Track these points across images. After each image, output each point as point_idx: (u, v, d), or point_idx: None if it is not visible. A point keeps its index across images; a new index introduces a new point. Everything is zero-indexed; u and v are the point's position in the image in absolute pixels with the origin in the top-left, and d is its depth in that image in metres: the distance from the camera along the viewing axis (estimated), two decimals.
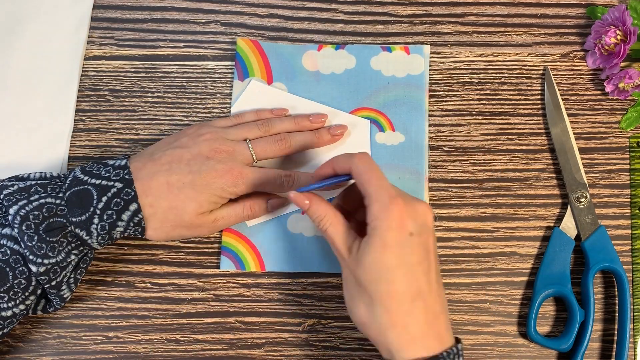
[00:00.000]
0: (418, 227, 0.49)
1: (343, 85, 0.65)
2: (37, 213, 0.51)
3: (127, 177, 0.54)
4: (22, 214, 0.51)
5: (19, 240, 0.51)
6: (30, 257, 0.51)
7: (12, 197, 0.52)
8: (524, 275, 0.61)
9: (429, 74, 0.65)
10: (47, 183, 0.54)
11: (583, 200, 0.61)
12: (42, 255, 0.51)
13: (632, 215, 0.62)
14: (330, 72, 0.65)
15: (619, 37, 0.62)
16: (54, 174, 0.55)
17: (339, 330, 0.60)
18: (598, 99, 0.65)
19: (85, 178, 0.54)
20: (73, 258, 0.54)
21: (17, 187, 0.53)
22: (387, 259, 0.48)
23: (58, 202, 0.52)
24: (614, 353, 0.59)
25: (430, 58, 0.66)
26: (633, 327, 0.59)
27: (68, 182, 0.54)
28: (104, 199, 0.53)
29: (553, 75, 0.65)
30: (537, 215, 0.62)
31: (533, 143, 0.64)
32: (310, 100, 0.64)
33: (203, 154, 0.56)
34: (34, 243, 0.51)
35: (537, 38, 0.66)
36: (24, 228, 0.51)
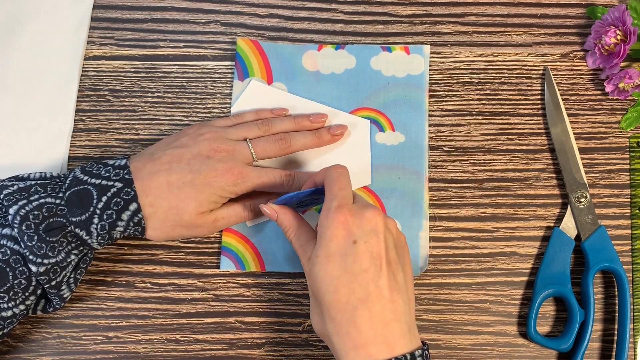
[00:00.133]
0: (364, 234, 0.49)
1: (343, 85, 0.65)
2: (37, 213, 0.51)
3: (127, 176, 0.54)
4: (22, 214, 0.51)
5: (19, 240, 0.51)
6: (30, 257, 0.51)
7: (12, 197, 0.52)
8: (524, 275, 0.61)
9: (429, 74, 0.65)
10: (47, 183, 0.54)
11: (583, 200, 0.61)
12: (42, 255, 0.51)
13: (632, 215, 0.62)
14: (330, 72, 0.65)
15: (619, 37, 0.62)
16: (54, 174, 0.55)
17: None
18: (598, 99, 0.65)
19: (85, 178, 0.54)
20: (73, 258, 0.54)
21: (17, 187, 0.53)
22: (331, 269, 0.48)
23: (58, 202, 0.52)
24: (614, 353, 0.59)
25: (430, 58, 0.66)
26: (633, 327, 0.59)
27: (68, 182, 0.54)
28: (104, 199, 0.53)
29: (553, 75, 0.65)
30: (537, 215, 0.62)
31: (533, 143, 0.64)
32: (310, 100, 0.64)
33: (203, 154, 0.56)
34: (34, 243, 0.51)
35: (537, 38, 0.66)
36: (24, 228, 0.51)
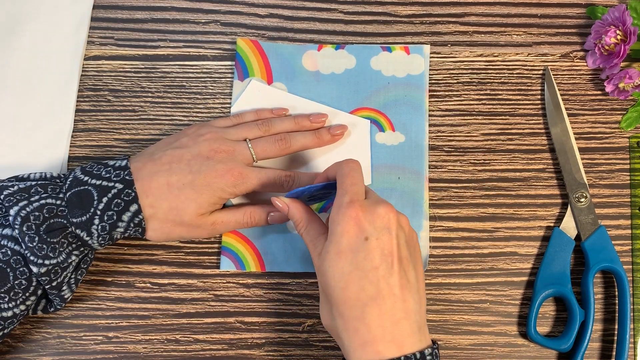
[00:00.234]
0: (376, 230, 0.48)
1: (343, 85, 0.65)
2: (37, 214, 0.51)
3: (127, 177, 0.54)
4: (22, 215, 0.51)
5: (20, 241, 0.51)
6: (31, 257, 0.51)
7: (12, 197, 0.52)
8: (524, 275, 0.61)
9: (429, 74, 0.65)
10: (47, 183, 0.54)
11: (583, 200, 0.61)
12: (43, 256, 0.51)
13: (632, 215, 0.62)
14: (330, 72, 0.65)
15: (619, 37, 0.62)
16: (54, 175, 0.55)
17: None
18: (598, 99, 0.65)
19: (86, 179, 0.54)
20: (74, 259, 0.54)
21: (17, 187, 0.53)
22: (341, 265, 0.48)
23: (58, 202, 0.52)
24: (614, 353, 0.59)
25: (430, 58, 0.66)
26: (633, 327, 0.59)
27: (68, 182, 0.54)
28: (105, 200, 0.53)
29: (553, 75, 0.65)
30: (537, 215, 0.62)
31: (533, 143, 0.64)
32: (310, 100, 0.64)
33: (203, 154, 0.56)
34: (35, 244, 0.51)
35: (537, 38, 0.66)
36: (25, 229, 0.51)
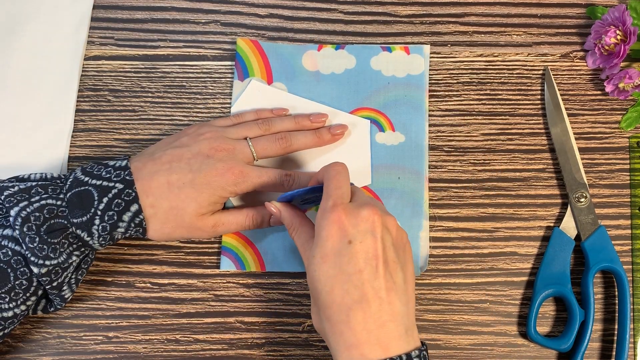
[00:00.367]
0: (360, 234, 0.48)
1: (343, 85, 0.65)
2: (38, 214, 0.51)
3: (127, 177, 0.54)
4: (23, 216, 0.51)
5: (20, 242, 0.51)
6: (32, 258, 0.51)
7: (13, 198, 0.52)
8: (524, 275, 0.61)
9: (429, 74, 0.65)
10: (47, 184, 0.54)
11: (583, 200, 0.61)
12: (43, 257, 0.51)
13: (632, 215, 0.62)
14: (330, 72, 0.65)
15: (619, 37, 0.62)
16: (55, 175, 0.55)
17: None
18: (598, 99, 0.65)
19: (86, 179, 0.54)
20: (74, 259, 0.53)
21: (17, 188, 0.53)
22: (326, 269, 0.48)
23: (59, 203, 0.52)
24: (614, 353, 0.59)
25: (430, 58, 0.66)
26: (633, 327, 0.60)
27: (69, 183, 0.54)
28: (105, 200, 0.53)
29: (553, 75, 0.65)
30: (537, 215, 0.62)
31: (533, 143, 0.64)
32: (310, 100, 0.64)
33: (203, 153, 0.56)
34: (36, 244, 0.51)
35: (537, 38, 0.66)
36: (25, 229, 0.51)
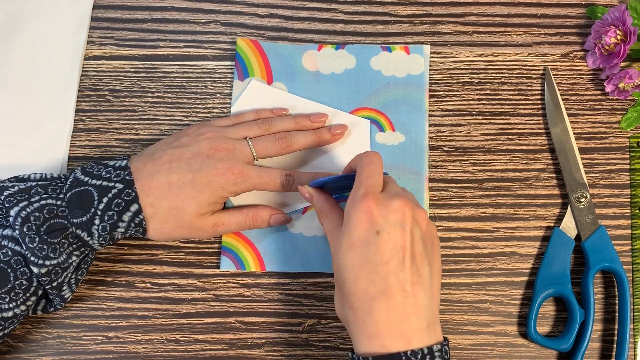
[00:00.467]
0: (389, 225, 0.48)
1: (343, 85, 0.65)
2: (38, 214, 0.51)
3: (127, 177, 0.54)
4: (23, 216, 0.51)
5: (20, 242, 0.51)
6: (32, 258, 0.51)
7: (13, 198, 0.52)
8: (524, 275, 0.61)
9: (429, 74, 0.65)
10: (47, 184, 0.54)
11: (583, 200, 0.61)
12: (43, 257, 0.51)
13: (632, 215, 0.62)
14: (330, 72, 0.65)
15: (619, 37, 0.62)
16: (55, 175, 0.55)
17: (339, 330, 0.60)
18: (598, 99, 0.65)
19: (86, 179, 0.54)
20: (74, 259, 0.53)
21: (17, 188, 0.53)
22: (352, 257, 0.48)
23: (59, 203, 0.52)
24: (614, 353, 0.59)
25: (430, 58, 0.66)
26: (633, 327, 0.60)
27: (69, 183, 0.54)
28: (105, 200, 0.53)
29: (553, 75, 0.65)
30: (537, 215, 0.62)
31: (533, 143, 0.64)
32: (310, 100, 0.64)
33: (203, 153, 0.56)
34: (36, 244, 0.51)
35: (537, 38, 0.66)
36: (25, 229, 0.51)
